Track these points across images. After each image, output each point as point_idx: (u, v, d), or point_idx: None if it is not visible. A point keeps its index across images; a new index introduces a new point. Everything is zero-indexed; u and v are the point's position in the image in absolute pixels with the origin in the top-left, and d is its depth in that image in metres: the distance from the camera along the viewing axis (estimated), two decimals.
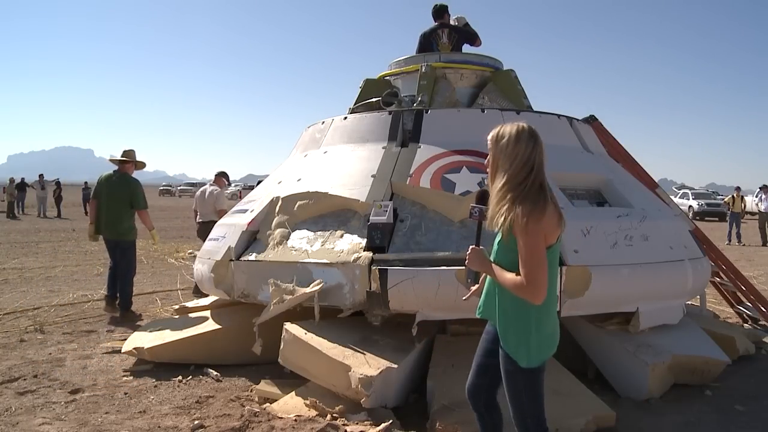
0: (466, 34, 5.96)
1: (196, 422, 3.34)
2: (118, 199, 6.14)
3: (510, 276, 2.15)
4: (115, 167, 6.35)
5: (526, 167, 2.16)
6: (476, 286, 2.44)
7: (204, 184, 9.08)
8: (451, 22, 5.99)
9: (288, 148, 6.10)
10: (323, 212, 4.28)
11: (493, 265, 2.22)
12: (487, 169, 2.28)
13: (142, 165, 6.50)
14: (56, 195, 25.13)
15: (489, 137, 2.27)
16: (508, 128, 2.22)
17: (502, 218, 2.13)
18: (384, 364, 3.39)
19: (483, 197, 2.29)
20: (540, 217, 2.11)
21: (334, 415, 3.30)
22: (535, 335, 2.18)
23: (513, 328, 2.20)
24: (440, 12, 5.93)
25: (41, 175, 25.36)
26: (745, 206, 18.49)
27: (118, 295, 6.13)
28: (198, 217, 7.87)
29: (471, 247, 2.27)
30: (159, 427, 3.33)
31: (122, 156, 6.29)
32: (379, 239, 3.79)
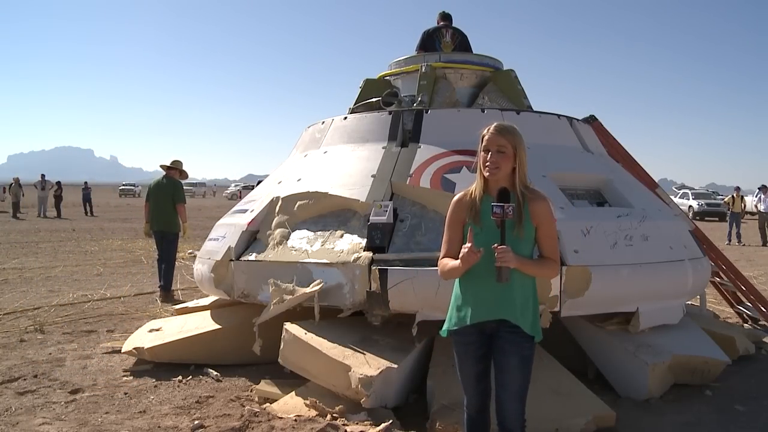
0: (467, 42, 5.99)
1: (196, 422, 3.34)
2: (165, 197, 7.39)
3: (542, 261, 2.32)
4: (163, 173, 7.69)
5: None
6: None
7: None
8: None
9: (288, 148, 6.07)
10: (323, 212, 4.28)
11: (524, 258, 2.26)
12: (491, 163, 2.26)
13: (185, 175, 7.84)
14: (56, 194, 25.02)
15: (501, 128, 2.28)
16: (507, 122, 2.35)
17: (532, 209, 2.28)
18: (384, 364, 3.39)
19: (504, 195, 2.21)
20: None
21: (334, 415, 3.30)
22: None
23: (531, 310, 2.31)
24: (445, 17, 6.04)
25: (43, 176, 25.25)
26: (744, 206, 18.47)
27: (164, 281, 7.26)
28: None
29: (501, 247, 2.17)
30: (159, 427, 3.33)
31: (171, 164, 7.63)
32: (379, 239, 3.79)
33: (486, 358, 2.37)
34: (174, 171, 7.60)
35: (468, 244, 2.21)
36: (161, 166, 7.71)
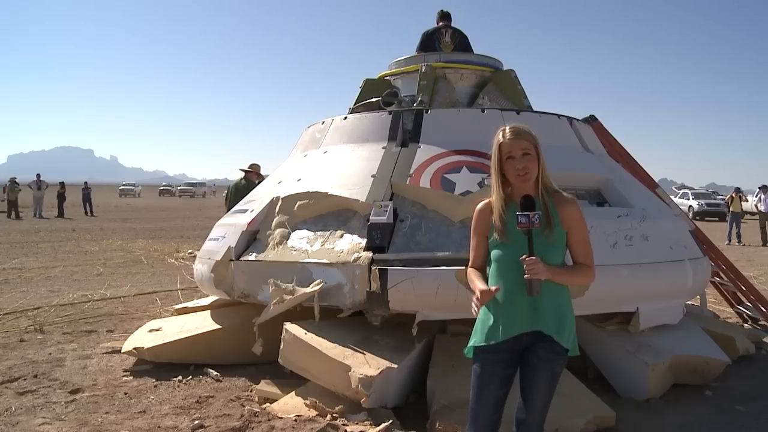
0: (467, 42, 5.99)
1: (196, 422, 3.34)
2: (240, 199, 7.60)
3: (576, 268, 2.21)
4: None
5: None
6: None
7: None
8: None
9: (288, 148, 6.14)
10: (323, 212, 4.28)
11: (555, 267, 2.12)
12: (522, 169, 2.14)
13: (262, 177, 8.05)
14: (60, 193, 24.96)
15: (518, 131, 2.17)
16: (524, 124, 2.24)
17: (561, 213, 2.17)
18: (384, 364, 3.39)
19: (529, 203, 2.10)
20: None
21: (334, 415, 3.30)
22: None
23: (568, 322, 2.17)
24: (444, 16, 6.02)
25: (38, 175, 25.15)
26: (745, 203, 18.44)
27: None
28: None
29: (530, 258, 2.04)
30: (159, 427, 3.33)
31: (249, 167, 8.23)
32: (379, 239, 3.79)
33: (510, 381, 2.21)
34: (252, 174, 8.14)
35: (482, 287, 2.11)
36: (240, 169, 8.28)
